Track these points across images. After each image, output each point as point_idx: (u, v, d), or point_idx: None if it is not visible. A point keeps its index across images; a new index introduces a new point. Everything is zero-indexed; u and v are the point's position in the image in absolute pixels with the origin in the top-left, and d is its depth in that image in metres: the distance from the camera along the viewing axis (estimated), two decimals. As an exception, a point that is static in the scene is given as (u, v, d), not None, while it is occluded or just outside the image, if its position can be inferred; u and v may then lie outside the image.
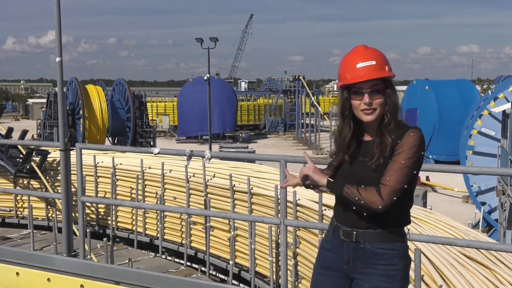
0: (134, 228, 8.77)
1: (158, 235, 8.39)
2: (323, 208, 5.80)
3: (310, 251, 6.10)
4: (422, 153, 2.74)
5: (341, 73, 2.80)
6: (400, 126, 2.77)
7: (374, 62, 2.74)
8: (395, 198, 2.66)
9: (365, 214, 2.73)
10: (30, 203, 9.31)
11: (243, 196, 7.25)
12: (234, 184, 7.32)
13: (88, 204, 9.03)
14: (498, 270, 4.78)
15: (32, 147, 9.76)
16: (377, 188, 2.67)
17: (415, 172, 2.73)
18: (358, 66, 2.74)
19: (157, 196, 8.39)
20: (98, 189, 9.08)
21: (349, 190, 2.71)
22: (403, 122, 2.81)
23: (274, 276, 6.63)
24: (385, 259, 2.77)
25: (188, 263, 7.96)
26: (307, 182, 2.88)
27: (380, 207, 2.65)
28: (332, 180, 2.78)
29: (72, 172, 6.81)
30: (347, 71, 2.77)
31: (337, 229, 2.89)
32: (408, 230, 2.93)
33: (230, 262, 7.39)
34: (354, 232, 2.80)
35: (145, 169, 8.55)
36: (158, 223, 8.40)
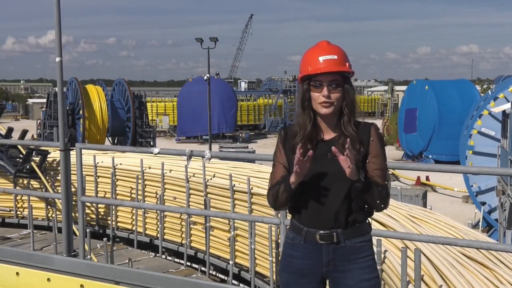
0: (134, 228, 8.76)
1: (158, 235, 8.39)
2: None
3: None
4: None
5: (303, 65, 2.85)
6: (358, 121, 2.86)
7: (335, 57, 2.79)
8: None
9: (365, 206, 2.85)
10: (30, 203, 9.30)
11: (243, 196, 7.25)
12: (234, 184, 7.32)
13: (88, 204, 9.03)
14: (498, 270, 4.77)
15: (32, 147, 9.76)
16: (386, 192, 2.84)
17: None
18: (320, 59, 2.79)
19: (157, 196, 8.39)
20: (98, 189, 9.09)
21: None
22: (357, 120, 2.89)
23: (274, 276, 6.62)
24: (363, 251, 2.86)
25: (188, 263, 7.97)
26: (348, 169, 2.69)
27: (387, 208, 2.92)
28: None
29: (72, 172, 6.81)
30: (309, 63, 2.82)
31: (310, 234, 2.85)
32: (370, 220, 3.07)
33: (230, 262, 7.39)
34: (334, 233, 2.82)
35: (145, 169, 8.55)
36: (158, 223, 8.41)
